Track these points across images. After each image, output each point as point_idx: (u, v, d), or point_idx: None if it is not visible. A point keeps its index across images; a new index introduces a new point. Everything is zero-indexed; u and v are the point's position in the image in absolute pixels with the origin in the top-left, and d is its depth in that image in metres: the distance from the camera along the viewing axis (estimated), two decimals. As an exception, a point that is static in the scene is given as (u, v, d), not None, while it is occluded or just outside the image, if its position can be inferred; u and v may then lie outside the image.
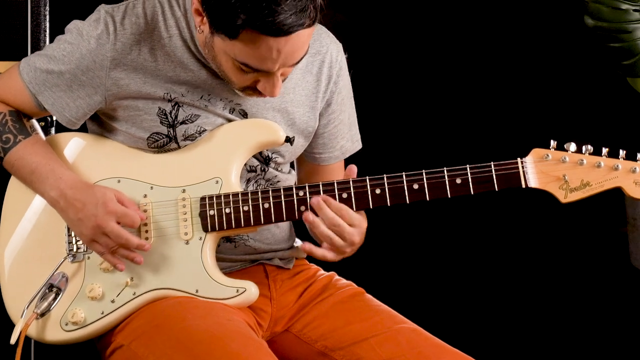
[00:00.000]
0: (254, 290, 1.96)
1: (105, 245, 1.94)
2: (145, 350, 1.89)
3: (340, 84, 2.13)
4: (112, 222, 1.92)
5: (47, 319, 1.99)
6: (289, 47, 1.81)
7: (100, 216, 1.92)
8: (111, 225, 1.92)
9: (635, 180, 1.87)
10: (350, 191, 1.94)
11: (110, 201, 1.93)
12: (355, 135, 2.21)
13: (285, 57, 1.83)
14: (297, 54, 1.85)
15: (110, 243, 1.93)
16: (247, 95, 1.97)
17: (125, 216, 1.93)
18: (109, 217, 1.92)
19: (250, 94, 1.95)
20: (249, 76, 1.89)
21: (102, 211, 1.92)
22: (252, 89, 1.93)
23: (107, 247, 1.94)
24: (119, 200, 1.95)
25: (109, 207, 1.92)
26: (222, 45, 1.85)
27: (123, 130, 2.02)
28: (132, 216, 1.94)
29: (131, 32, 1.96)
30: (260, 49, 1.80)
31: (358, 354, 1.99)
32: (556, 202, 1.90)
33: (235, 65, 1.87)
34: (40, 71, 2.00)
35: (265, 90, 1.90)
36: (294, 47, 1.82)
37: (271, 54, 1.81)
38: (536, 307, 3.28)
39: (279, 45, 1.80)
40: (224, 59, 1.88)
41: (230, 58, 1.86)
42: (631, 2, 2.90)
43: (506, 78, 3.30)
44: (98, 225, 1.92)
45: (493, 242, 3.32)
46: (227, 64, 1.88)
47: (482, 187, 1.91)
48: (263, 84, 1.90)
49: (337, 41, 2.14)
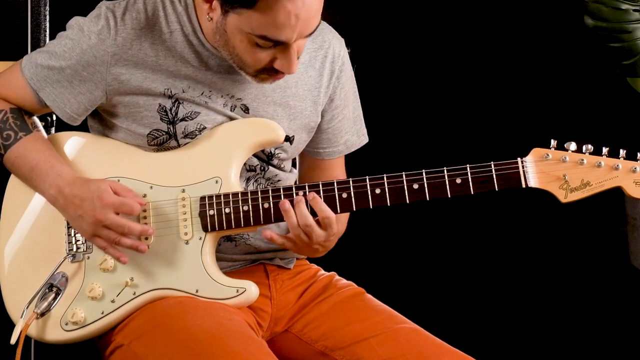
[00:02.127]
0: (254, 290, 1.96)
1: (107, 238, 1.94)
2: (146, 350, 1.89)
3: (343, 79, 2.13)
4: (110, 214, 1.92)
5: (47, 318, 1.99)
6: (305, 12, 1.81)
7: (98, 210, 1.92)
8: (110, 217, 1.92)
9: (635, 180, 1.87)
10: (350, 191, 1.94)
11: (105, 193, 1.93)
12: (360, 130, 2.21)
13: (302, 25, 1.83)
14: (313, 22, 1.85)
15: (112, 235, 1.93)
16: (261, 81, 1.96)
17: (123, 205, 1.93)
18: (107, 210, 1.92)
19: (265, 79, 1.94)
20: (265, 54, 1.88)
21: (99, 204, 1.92)
22: (268, 71, 1.92)
23: (109, 241, 1.94)
24: (115, 190, 1.94)
25: (104, 200, 1.92)
26: (238, 22, 1.84)
27: (123, 127, 2.02)
28: (129, 204, 1.93)
29: (132, 27, 1.96)
30: (278, 15, 1.80)
31: (358, 354, 1.99)
32: (556, 202, 1.90)
33: (251, 42, 1.86)
34: (42, 67, 2.00)
35: (282, 67, 1.90)
36: (310, 12, 1.82)
37: (289, 19, 1.81)
38: (536, 306, 3.28)
39: (297, 10, 1.80)
40: (239, 39, 1.87)
41: (246, 36, 1.85)
42: (631, 2, 2.90)
43: (506, 78, 3.31)
44: (97, 220, 1.92)
45: (493, 242, 3.33)
46: (242, 44, 1.88)
47: (482, 187, 1.91)
48: (280, 61, 1.89)
49: (339, 36, 2.14)
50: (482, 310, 3.28)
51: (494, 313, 3.28)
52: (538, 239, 3.34)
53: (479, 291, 3.31)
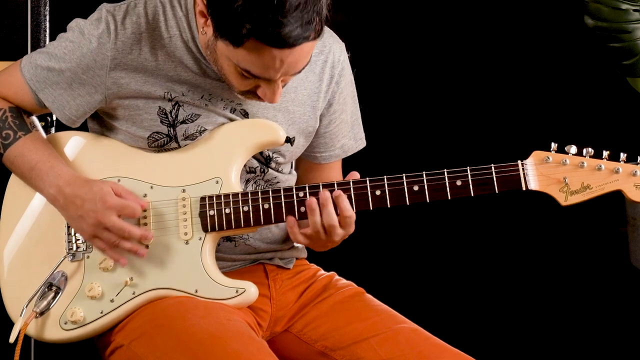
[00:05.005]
0: (253, 291, 1.96)
1: (107, 240, 1.94)
2: (146, 350, 1.89)
3: (342, 83, 2.12)
4: (113, 217, 1.92)
5: (47, 317, 1.99)
6: (293, 57, 1.81)
7: (100, 212, 1.92)
8: (112, 219, 1.92)
9: (635, 183, 1.87)
10: (350, 192, 1.94)
11: (108, 195, 1.93)
12: (358, 134, 2.20)
13: (287, 67, 1.83)
14: (300, 64, 1.85)
15: (112, 238, 1.93)
16: (247, 99, 1.97)
17: (125, 208, 1.93)
18: (109, 212, 1.92)
19: (250, 98, 1.95)
20: (249, 81, 1.88)
21: (101, 206, 1.92)
22: (252, 93, 1.92)
23: (108, 243, 1.94)
24: (117, 193, 1.94)
25: (107, 202, 1.92)
26: (225, 51, 1.85)
27: (123, 129, 2.02)
28: (132, 207, 1.94)
29: (132, 32, 1.96)
30: (263, 59, 1.80)
31: (358, 354, 1.99)
32: (556, 204, 1.90)
33: (237, 70, 1.86)
34: (41, 68, 2.00)
35: (265, 97, 1.90)
36: (298, 58, 1.82)
37: (274, 63, 1.81)
38: (536, 307, 3.28)
39: (283, 56, 1.79)
40: (226, 64, 1.88)
41: (233, 63, 1.85)
42: (631, 2, 2.89)
43: (506, 79, 3.30)
44: (99, 221, 1.92)
45: (493, 242, 3.33)
46: (229, 69, 1.88)
47: (483, 189, 1.91)
48: (263, 90, 1.89)
49: (339, 40, 2.14)
50: (482, 310, 3.29)
51: (494, 313, 3.28)
52: (538, 240, 3.34)
53: (479, 291, 3.31)
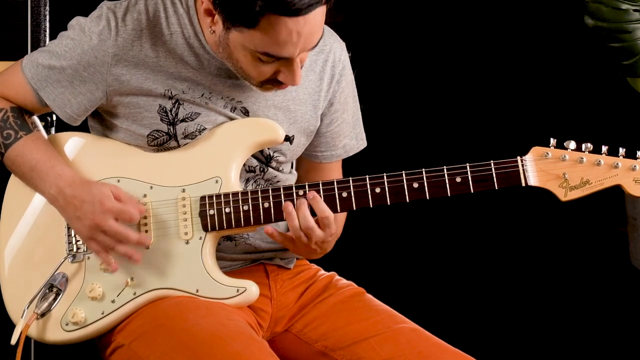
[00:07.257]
0: (254, 290, 1.96)
1: (102, 243, 1.94)
2: (146, 350, 1.89)
3: (343, 83, 2.13)
4: (110, 220, 1.92)
5: (48, 319, 1.99)
6: (307, 28, 1.81)
7: (98, 214, 1.92)
8: (109, 223, 1.92)
9: (635, 178, 1.87)
10: (350, 190, 1.94)
11: (107, 199, 1.93)
12: (360, 134, 2.21)
13: (304, 40, 1.83)
14: (315, 36, 1.85)
15: (107, 241, 1.93)
16: (266, 91, 1.96)
17: (123, 213, 1.93)
18: (107, 215, 1.92)
19: (269, 88, 1.95)
20: (268, 67, 1.88)
21: (99, 209, 1.92)
22: (272, 82, 1.92)
23: (104, 246, 1.94)
24: (116, 196, 1.94)
25: (105, 206, 1.92)
26: (240, 39, 1.85)
27: (123, 127, 2.02)
28: (130, 212, 1.93)
29: (132, 28, 1.97)
30: (280, 34, 1.80)
31: (358, 354, 1.99)
32: (556, 201, 1.90)
33: (254, 57, 1.86)
34: (42, 67, 2.00)
35: (286, 80, 1.90)
36: (312, 28, 1.82)
37: (291, 37, 1.81)
38: (536, 306, 3.28)
39: (298, 27, 1.80)
40: (242, 54, 1.88)
41: (249, 51, 1.85)
42: (631, 2, 2.90)
43: (506, 77, 3.31)
44: (96, 224, 1.92)
45: (493, 241, 3.32)
46: (246, 59, 1.88)
47: (482, 186, 1.91)
48: (284, 74, 1.89)
49: (340, 40, 2.14)
50: (482, 310, 3.28)
51: (494, 313, 3.28)
52: (538, 239, 3.34)
53: (479, 291, 3.31)
